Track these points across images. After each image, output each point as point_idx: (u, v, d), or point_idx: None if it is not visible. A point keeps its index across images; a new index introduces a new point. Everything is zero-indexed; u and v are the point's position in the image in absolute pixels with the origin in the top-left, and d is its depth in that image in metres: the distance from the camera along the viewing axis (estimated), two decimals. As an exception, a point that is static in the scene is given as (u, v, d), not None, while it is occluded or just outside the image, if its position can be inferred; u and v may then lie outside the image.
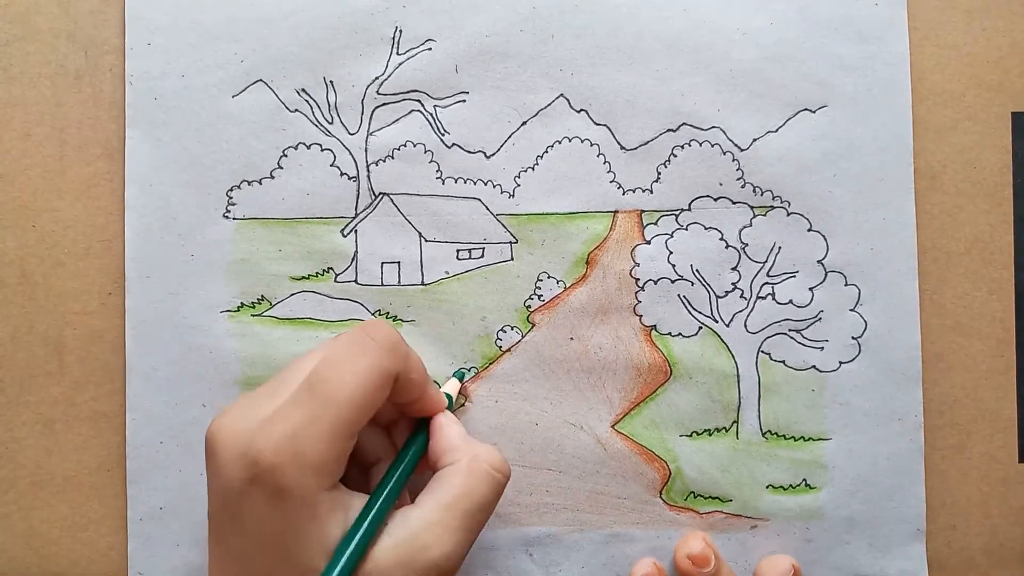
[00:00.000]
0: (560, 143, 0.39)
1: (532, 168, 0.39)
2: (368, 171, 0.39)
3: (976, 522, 0.39)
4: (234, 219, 0.39)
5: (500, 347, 0.39)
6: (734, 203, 0.39)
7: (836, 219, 0.39)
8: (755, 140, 0.39)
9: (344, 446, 0.30)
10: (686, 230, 0.39)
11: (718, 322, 0.39)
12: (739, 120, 0.39)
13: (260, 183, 0.39)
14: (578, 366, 0.39)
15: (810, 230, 0.39)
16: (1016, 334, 0.39)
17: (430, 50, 0.39)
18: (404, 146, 0.39)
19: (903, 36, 0.39)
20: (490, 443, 0.38)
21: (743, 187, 0.39)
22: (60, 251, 0.39)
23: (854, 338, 0.39)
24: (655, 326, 0.39)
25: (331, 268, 0.39)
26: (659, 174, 0.39)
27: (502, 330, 0.39)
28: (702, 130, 0.39)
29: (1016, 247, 0.39)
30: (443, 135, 0.39)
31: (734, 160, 0.39)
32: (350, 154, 0.39)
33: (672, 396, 0.39)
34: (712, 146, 0.39)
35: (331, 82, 0.39)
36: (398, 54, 0.39)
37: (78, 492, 0.39)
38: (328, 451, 0.29)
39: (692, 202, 0.39)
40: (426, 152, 0.39)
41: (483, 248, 0.39)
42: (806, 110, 0.39)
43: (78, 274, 0.39)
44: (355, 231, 0.39)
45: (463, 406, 0.39)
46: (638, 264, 0.39)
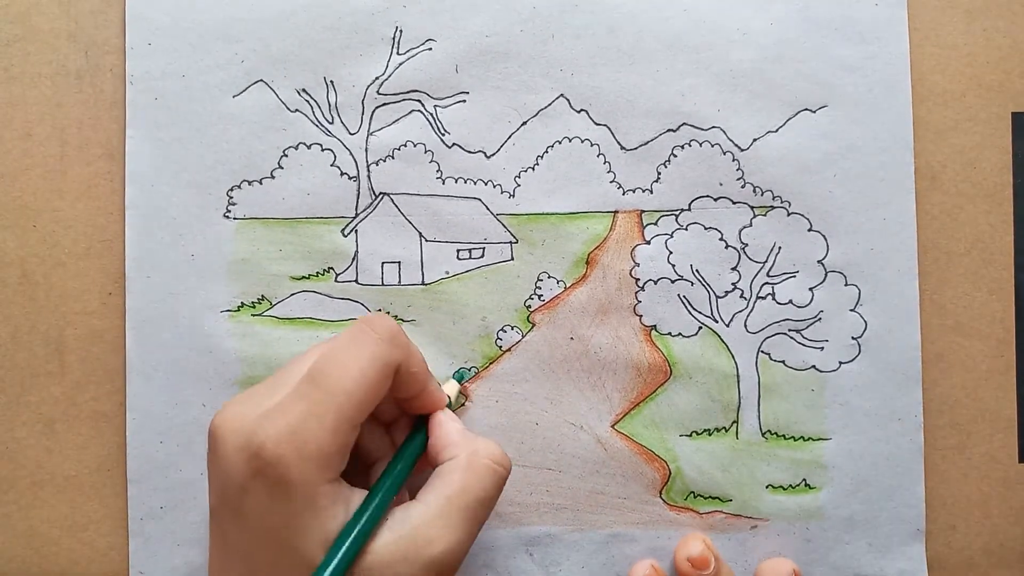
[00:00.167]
0: (560, 143, 0.39)
1: (532, 168, 0.39)
2: (368, 171, 0.39)
3: (976, 522, 0.39)
4: (234, 219, 0.39)
5: (500, 347, 0.39)
6: (734, 203, 0.39)
7: (836, 219, 0.39)
8: (755, 140, 0.39)
9: (346, 439, 0.30)
10: (686, 230, 0.39)
11: (718, 322, 0.39)
12: (739, 120, 0.39)
13: (260, 183, 0.39)
14: (578, 366, 0.39)
15: (810, 230, 0.39)
16: (1016, 334, 0.39)
17: (430, 50, 0.39)
18: (404, 146, 0.39)
19: (903, 36, 0.39)
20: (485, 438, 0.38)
21: (743, 187, 0.39)
22: (61, 251, 0.39)
23: (854, 338, 0.39)
24: (655, 326, 0.39)
25: (331, 268, 0.39)
26: (659, 174, 0.39)
27: (502, 330, 0.39)
28: (702, 130, 0.39)
29: (1016, 247, 0.39)
30: (443, 135, 0.39)
31: (734, 160, 0.39)
32: (350, 154, 0.39)
33: (672, 396, 0.39)
34: (712, 146, 0.39)
35: (331, 82, 0.39)
36: (398, 54, 0.39)
37: (78, 492, 0.39)
38: (330, 443, 0.29)
39: (692, 202, 0.39)
40: (426, 152, 0.39)
41: (483, 248, 0.39)
42: (806, 110, 0.39)
43: (79, 274, 0.39)
44: (355, 231, 0.39)
45: (463, 406, 0.39)
46: (638, 264, 0.39)
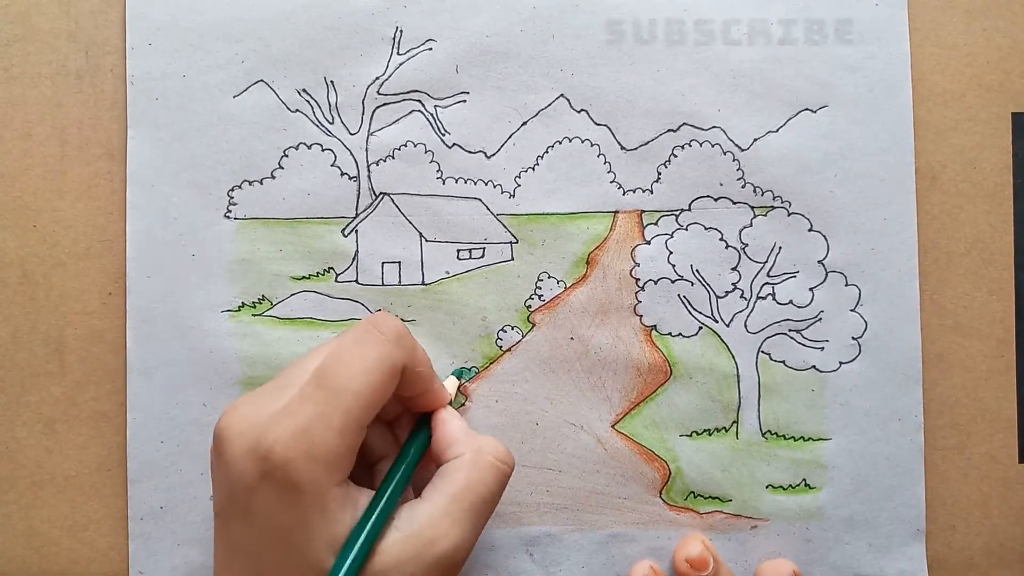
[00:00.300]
0: (560, 143, 0.39)
1: (532, 168, 0.39)
2: (369, 171, 0.39)
3: (976, 522, 0.39)
4: (235, 219, 0.39)
5: (500, 347, 0.39)
6: (734, 203, 0.39)
7: (837, 219, 0.39)
8: (756, 140, 0.39)
9: (354, 439, 0.30)
10: (686, 230, 0.39)
11: (718, 322, 0.39)
12: (740, 120, 0.39)
13: (261, 183, 0.39)
14: (578, 366, 0.39)
15: (810, 230, 0.39)
16: (1016, 334, 0.39)
17: (430, 50, 0.39)
18: (405, 146, 0.39)
19: (903, 36, 0.39)
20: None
21: (743, 187, 0.39)
22: (61, 251, 0.39)
23: (854, 338, 0.39)
24: (655, 326, 0.39)
25: (332, 268, 0.39)
26: (659, 174, 0.39)
27: (502, 330, 0.39)
28: (702, 130, 0.39)
29: (1016, 247, 0.39)
30: (443, 135, 0.39)
31: (734, 160, 0.39)
32: (351, 154, 0.39)
33: (672, 396, 0.39)
34: (712, 146, 0.39)
35: (332, 82, 0.39)
36: (399, 54, 0.39)
37: (78, 492, 0.39)
38: (339, 445, 0.29)
39: (692, 202, 0.39)
40: (427, 152, 0.39)
41: (483, 248, 0.39)
42: (807, 110, 0.39)
43: (79, 274, 0.39)
44: (356, 231, 0.39)
45: (463, 405, 0.39)
46: (638, 264, 0.39)
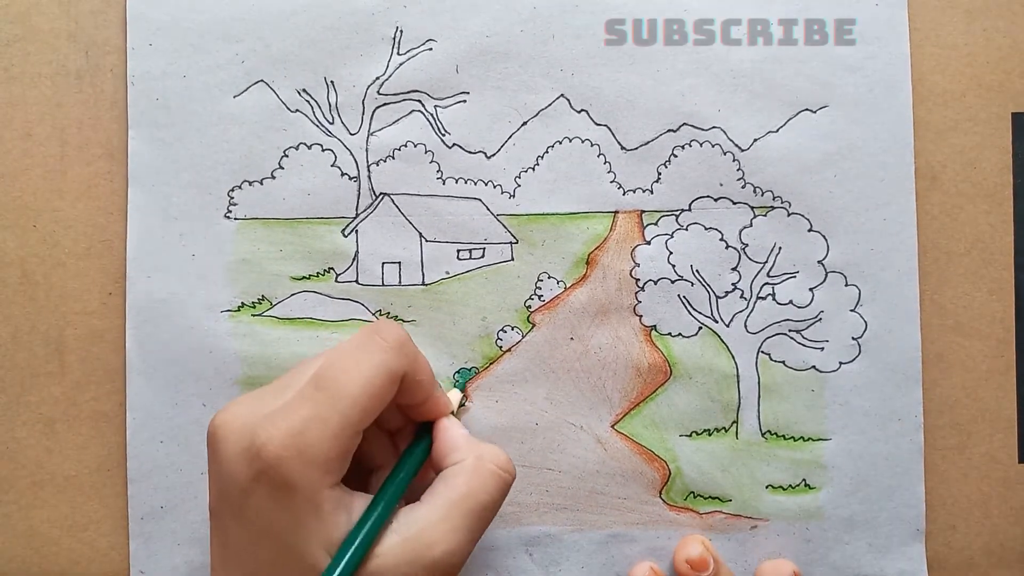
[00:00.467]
0: (560, 143, 0.39)
1: (532, 168, 0.39)
2: (369, 171, 0.39)
3: (976, 522, 0.39)
4: (235, 219, 0.39)
5: (500, 347, 0.39)
6: (734, 203, 0.39)
7: (836, 219, 0.39)
8: (756, 140, 0.39)
9: (349, 444, 0.30)
10: (686, 230, 0.39)
11: (718, 322, 0.39)
12: (740, 120, 0.39)
13: (261, 183, 0.39)
14: (578, 366, 0.39)
15: (810, 230, 0.39)
16: (1016, 334, 0.39)
17: (431, 50, 0.39)
18: (405, 146, 0.39)
19: (903, 36, 0.39)
20: (490, 443, 0.38)
21: (743, 187, 0.39)
22: (61, 251, 0.39)
23: (854, 338, 0.39)
24: (655, 326, 0.39)
25: (332, 268, 0.39)
26: (659, 174, 0.39)
27: (502, 330, 0.39)
28: (702, 130, 0.39)
29: (1016, 247, 0.39)
30: (444, 135, 0.39)
31: (734, 160, 0.39)
32: (351, 154, 0.39)
33: (672, 396, 0.39)
34: (712, 146, 0.39)
35: (332, 82, 0.39)
36: (399, 54, 0.39)
37: (78, 492, 0.39)
38: (333, 448, 0.29)
39: (692, 202, 0.39)
40: (427, 152, 0.39)
41: (483, 248, 0.39)
42: (807, 110, 0.39)
43: (79, 274, 0.39)
44: (356, 231, 0.39)
45: (463, 406, 0.39)
46: (638, 264, 0.39)
